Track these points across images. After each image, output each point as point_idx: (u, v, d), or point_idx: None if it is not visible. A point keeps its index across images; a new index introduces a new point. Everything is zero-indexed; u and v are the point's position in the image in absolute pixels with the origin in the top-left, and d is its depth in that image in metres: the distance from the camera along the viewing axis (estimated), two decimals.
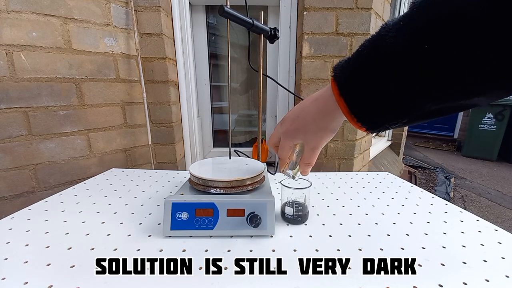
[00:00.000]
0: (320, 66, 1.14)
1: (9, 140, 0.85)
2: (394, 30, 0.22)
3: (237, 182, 0.45)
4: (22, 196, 0.89)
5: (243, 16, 0.61)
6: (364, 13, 1.09)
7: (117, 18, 1.01)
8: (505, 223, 1.82)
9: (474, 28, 0.18)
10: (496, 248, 0.40)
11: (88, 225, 0.46)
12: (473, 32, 0.18)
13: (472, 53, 0.18)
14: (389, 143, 2.42)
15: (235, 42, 1.41)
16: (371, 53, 0.24)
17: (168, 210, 0.41)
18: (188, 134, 1.32)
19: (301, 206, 0.47)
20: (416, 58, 0.21)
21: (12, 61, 0.81)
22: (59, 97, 0.91)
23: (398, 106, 0.24)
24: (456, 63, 0.19)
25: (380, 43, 0.23)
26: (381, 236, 0.43)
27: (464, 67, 0.19)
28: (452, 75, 0.20)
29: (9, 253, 0.37)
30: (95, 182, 0.68)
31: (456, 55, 0.19)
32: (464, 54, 0.19)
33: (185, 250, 0.38)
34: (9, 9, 0.79)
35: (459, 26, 0.18)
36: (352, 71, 0.26)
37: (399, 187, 0.65)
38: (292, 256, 0.37)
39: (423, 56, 0.20)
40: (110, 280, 0.32)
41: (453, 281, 0.33)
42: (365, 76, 0.24)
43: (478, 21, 0.17)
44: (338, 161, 1.28)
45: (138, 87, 1.10)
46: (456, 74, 0.20)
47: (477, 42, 0.18)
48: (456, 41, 0.19)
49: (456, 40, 0.19)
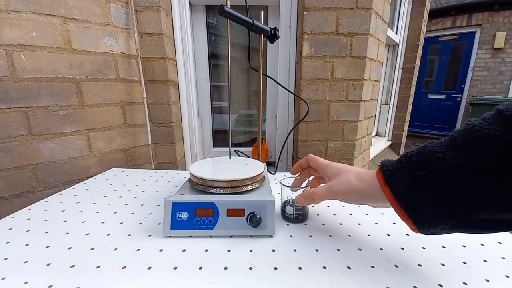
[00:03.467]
0: (320, 66, 1.14)
1: (9, 140, 0.85)
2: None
3: (237, 182, 0.45)
4: (22, 196, 0.89)
5: (243, 16, 0.61)
6: (364, 13, 1.09)
7: (117, 18, 1.01)
8: None
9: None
10: (496, 248, 0.40)
11: (88, 225, 0.46)
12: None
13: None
14: (389, 143, 2.42)
15: (235, 42, 1.41)
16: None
17: (168, 210, 0.41)
18: (188, 134, 1.32)
19: (302, 207, 0.47)
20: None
21: (12, 61, 0.81)
22: (59, 97, 0.91)
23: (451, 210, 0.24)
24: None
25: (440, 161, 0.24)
26: (381, 236, 0.43)
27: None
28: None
29: (9, 253, 0.37)
30: (95, 182, 0.68)
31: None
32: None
33: (185, 250, 0.38)
34: (9, 9, 0.79)
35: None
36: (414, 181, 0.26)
37: None
38: (292, 256, 0.37)
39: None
40: (110, 280, 0.32)
41: (453, 281, 0.33)
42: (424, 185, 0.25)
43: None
44: (338, 161, 1.27)
45: (138, 87, 1.10)
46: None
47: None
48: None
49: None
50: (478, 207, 0.23)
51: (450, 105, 5.01)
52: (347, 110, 1.20)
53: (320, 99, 1.18)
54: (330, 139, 1.24)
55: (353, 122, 1.22)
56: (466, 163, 0.22)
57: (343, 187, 0.33)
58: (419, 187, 0.25)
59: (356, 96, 1.18)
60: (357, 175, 0.33)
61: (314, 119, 1.20)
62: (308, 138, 1.23)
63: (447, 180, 0.23)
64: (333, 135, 1.23)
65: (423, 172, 0.25)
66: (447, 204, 0.24)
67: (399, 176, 0.26)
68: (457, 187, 0.23)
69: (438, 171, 0.24)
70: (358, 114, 1.21)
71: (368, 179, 0.31)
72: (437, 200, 0.24)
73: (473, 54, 4.83)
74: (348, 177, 0.33)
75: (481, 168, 0.22)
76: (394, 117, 2.41)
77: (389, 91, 2.22)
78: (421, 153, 0.26)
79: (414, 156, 0.26)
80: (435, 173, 0.24)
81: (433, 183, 0.24)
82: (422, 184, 0.25)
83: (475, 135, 0.22)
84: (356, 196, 0.32)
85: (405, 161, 0.27)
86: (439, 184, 0.24)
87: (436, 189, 0.24)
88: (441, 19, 5.16)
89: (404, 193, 0.26)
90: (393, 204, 0.27)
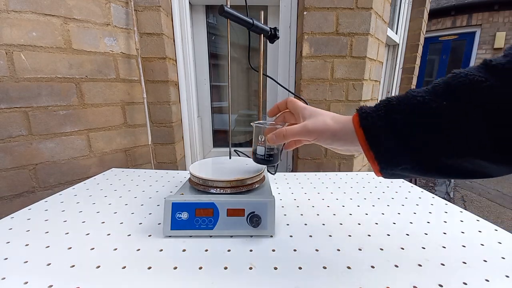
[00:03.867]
0: (320, 66, 1.14)
1: (9, 140, 0.85)
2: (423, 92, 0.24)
3: (237, 182, 0.45)
4: (22, 196, 0.89)
5: (243, 16, 0.61)
6: (364, 13, 1.09)
7: (117, 18, 1.01)
8: (505, 223, 1.82)
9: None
10: (496, 248, 0.40)
11: (88, 225, 0.46)
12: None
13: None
14: None
15: (235, 42, 1.41)
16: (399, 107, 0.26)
17: (168, 210, 0.41)
18: (188, 134, 1.32)
19: (273, 147, 0.45)
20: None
21: (12, 61, 0.81)
22: (59, 97, 0.91)
23: (411, 148, 0.25)
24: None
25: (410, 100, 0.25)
26: (381, 236, 0.43)
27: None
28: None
29: (9, 253, 0.37)
30: (95, 182, 0.68)
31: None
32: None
33: (185, 250, 0.38)
34: (9, 9, 0.79)
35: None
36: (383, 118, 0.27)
37: (399, 187, 0.65)
38: (292, 256, 0.37)
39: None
40: (110, 280, 0.32)
41: (453, 281, 0.33)
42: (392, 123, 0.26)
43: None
44: (338, 161, 1.28)
45: (138, 87, 1.10)
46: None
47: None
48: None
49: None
50: (445, 152, 0.23)
51: None
52: (347, 110, 1.20)
53: (320, 99, 1.18)
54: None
55: None
56: (444, 107, 0.23)
57: (317, 125, 0.33)
58: (392, 129, 0.25)
59: (356, 96, 1.18)
60: (333, 117, 0.33)
61: None
62: None
63: (424, 123, 0.24)
64: None
65: (399, 115, 0.25)
66: (420, 147, 0.24)
67: (376, 118, 0.27)
68: (430, 130, 0.23)
69: (414, 113, 0.24)
70: None
71: (343, 121, 0.31)
72: (410, 143, 0.25)
73: (473, 54, 4.83)
74: (324, 118, 0.34)
75: (456, 112, 0.22)
76: None
77: (389, 91, 2.22)
78: (402, 98, 0.26)
79: (394, 101, 0.26)
80: (411, 115, 0.24)
81: (410, 126, 0.24)
82: (396, 127, 0.25)
83: (458, 81, 0.23)
84: (327, 136, 0.32)
85: (384, 104, 0.27)
86: (415, 127, 0.24)
87: (412, 132, 0.24)
88: (441, 19, 5.16)
89: (378, 135, 0.27)
90: (363, 145, 0.28)
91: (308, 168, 1.27)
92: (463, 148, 0.23)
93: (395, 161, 0.26)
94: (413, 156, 0.25)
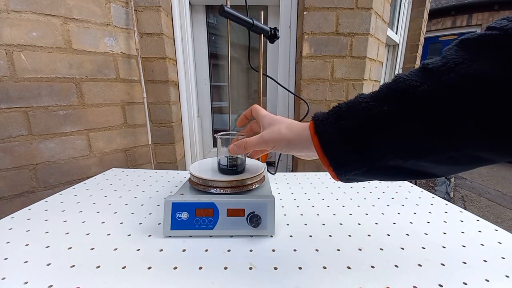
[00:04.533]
0: (320, 66, 1.14)
1: (9, 140, 0.85)
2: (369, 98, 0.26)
3: (237, 182, 0.45)
4: (22, 196, 0.89)
5: (243, 16, 0.61)
6: (364, 13, 1.09)
7: (117, 18, 1.01)
8: (505, 223, 1.82)
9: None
10: (496, 248, 0.40)
11: (88, 225, 0.46)
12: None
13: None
14: None
15: (235, 42, 1.41)
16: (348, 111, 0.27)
17: (168, 210, 0.41)
18: (188, 134, 1.32)
19: (236, 157, 0.47)
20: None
21: (12, 61, 0.81)
22: (59, 97, 0.91)
23: (362, 151, 0.26)
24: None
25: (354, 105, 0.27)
26: (381, 236, 0.43)
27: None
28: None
29: (9, 253, 0.37)
30: (95, 182, 0.68)
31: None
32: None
33: (185, 250, 0.38)
34: (9, 9, 0.79)
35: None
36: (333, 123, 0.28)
37: (399, 187, 0.65)
38: (292, 256, 0.37)
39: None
40: (110, 280, 0.32)
41: (453, 281, 0.33)
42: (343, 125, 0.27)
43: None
44: None
45: (138, 87, 1.10)
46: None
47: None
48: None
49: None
50: (389, 154, 0.24)
51: None
52: None
53: (320, 99, 1.18)
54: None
55: None
56: (385, 112, 0.24)
57: (272, 136, 0.35)
58: (343, 135, 0.27)
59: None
60: (288, 125, 0.35)
61: None
62: None
63: (367, 128, 0.25)
64: None
65: (348, 122, 0.26)
66: (365, 150, 0.26)
67: (328, 125, 0.28)
68: (374, 134, 0.25)
69: (361, 120, 0.25)
70: None
71: (298, 129, 0.33)
72: (357, 147, 0.26)
73: None
74: (279, 127, 0.35)
75: (394, 116, 0.23)
76: None
77: None
78: (350, 104, 0.27)
79: (344, 107, 0.28)
80: (358, 122, 0.26)
81: (355, 131, 0.26)
82: (346, 133, 0.26)
83: (397, 86, 0.24)
84: (283, 144, 0.34)
85: (335, 111, 0.28)
86: (360, 132, 0.25)
87: (357, 137, 0.26)
88: (441, 19, 5.16)
89: (330, 141, 0.28)
90: (318, 151, 0.29)
91: (308, 168, 1.27)
92: (405, 150, 0.24)
93: (347, 167, 0.27)
94: (362, 161, 0.26)
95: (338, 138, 0.27)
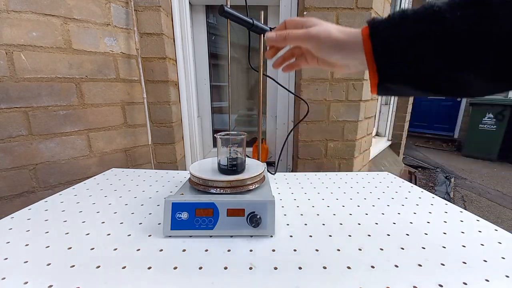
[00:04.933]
0: None
1: (9, 140, 0.85)
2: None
3: (237, 182, 0.45)
4: (22, 196, 0.89)
5: (243, 16, 0.61)
6: (364, 13, 1.09)
7: (117, 18, 1.01)
8: (505, 223, 1.82)
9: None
10: (496, 248, 0.40)
11: (88, 225, 0.46)
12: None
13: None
14: (389, 143, 2.42)
15: (235, 42, 1.41)
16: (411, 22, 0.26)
17: (168, 210, 0.41)
18: (188, 134, 1.32)
19: (236, 157, 0.48)
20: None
21: (12, 61, 0.81)
22: (59, 97, 0.91)
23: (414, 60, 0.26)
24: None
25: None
26: (381, 236, 0.43)
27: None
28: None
29: (9, 253, 0.37)
30: (95, 182, 0.68)
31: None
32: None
33: (185, 250, 0.38)
34: (9, 9, 0.79)
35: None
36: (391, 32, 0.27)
37: (399, 187, 0.65)
38: (292, 256, 0.37)
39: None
40: (110, 280, 0.32)
41: (453, 281, 0.33)
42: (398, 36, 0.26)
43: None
44: (338, 161, 1.28)
45: (138, 87, 1.10)
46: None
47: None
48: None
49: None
50: (448, 63, 0.24)
51: (450, 105, 5.01)
52: (347, 110, 1.20)
53: (320, 99, 1.18)
54: (330, 139, 1.24)
55: (353, 122, 1.22)
56: (458, 18, 0.23)
57: (319, 32, 0.33)
58: (400, 38, 0.26)
59: (356, 96, 1.18)
60: (338, 28, 0.33)
61: (314, 119, 1.20)
62: (308, 138, 1.23)
63: (431, 34, 0.24)
64: (333, 135, 1.23)
65: (410, 26, 0.26)
66: (422, 57, 0.25)
67: (389, 29, 0.27)
68: (438, 41, 0.24)
69: (425, 23, 0.25)
70: (358, 114, 1.21)
71: (349, 32, 0.31)
72: (410, 56, 0.26)
73: None
74: (328, 27, 0.33)
75: (470, 25, 0.23)
76: (394, 117, 2.41)
77: None
78: (418, 9, 0.26)
79: (410, 11, 0.27)
80: (422, 25, 0.25)
81: (416, 36, 0.25)
82: (405, 36, 0.26)
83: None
84: (329, 44, 0.32)
85: (392, 19, 0.27)
86: (421, 37, 0.25)
87: (416, 43, 0.25)
88: None
89: (384, 46, 0.27)
90: (367, 54, 0.28)
91: (308, 168, 1.27)
92: (465, 61, 0.23)
93: (396, 72, 0.27)
94: (414, 68, 0.26)
95: (398, 41, 0.26)
